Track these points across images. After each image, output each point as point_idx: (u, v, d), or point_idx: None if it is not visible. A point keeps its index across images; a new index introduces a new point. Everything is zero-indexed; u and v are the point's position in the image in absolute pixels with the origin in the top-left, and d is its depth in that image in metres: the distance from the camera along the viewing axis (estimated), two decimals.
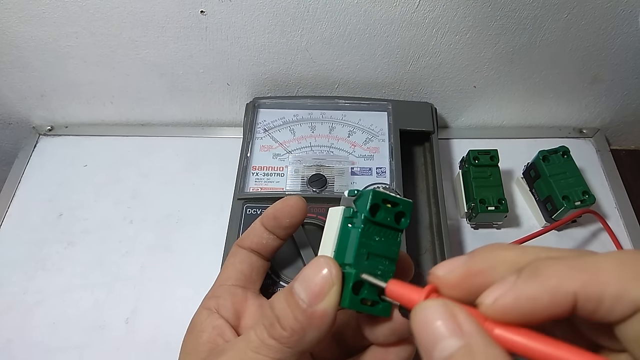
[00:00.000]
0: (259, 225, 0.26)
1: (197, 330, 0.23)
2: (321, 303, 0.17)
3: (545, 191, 0.41)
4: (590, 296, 0.13)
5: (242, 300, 0.25)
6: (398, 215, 0.20)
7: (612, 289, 0.13)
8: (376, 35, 0.41)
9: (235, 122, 0.51)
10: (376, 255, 0.19)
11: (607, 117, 0.51)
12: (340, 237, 0.19)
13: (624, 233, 0.43)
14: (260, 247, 0.26)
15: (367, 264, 0.19)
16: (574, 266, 0.14)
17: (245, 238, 0.27)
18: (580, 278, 0.13)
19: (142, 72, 0.46)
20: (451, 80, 0.46)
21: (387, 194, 0.19)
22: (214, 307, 0.24)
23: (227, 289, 0.25)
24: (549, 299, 0.14)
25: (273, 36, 0.41)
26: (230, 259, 0.27)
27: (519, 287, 0.14)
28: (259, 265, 0.27)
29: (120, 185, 0.46)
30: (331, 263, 0.18)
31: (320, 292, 0.18)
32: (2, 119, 0.52)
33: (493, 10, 0.39)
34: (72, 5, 0.39)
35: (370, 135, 0.42)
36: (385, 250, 0.19)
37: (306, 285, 0.18)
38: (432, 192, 0.41)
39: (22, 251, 0.42)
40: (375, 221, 0.19)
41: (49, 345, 0.37)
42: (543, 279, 0.14)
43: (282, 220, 0.26)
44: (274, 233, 0.26)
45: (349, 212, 0.20)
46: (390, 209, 0.19)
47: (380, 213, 0.19)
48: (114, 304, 0.39)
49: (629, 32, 0.41)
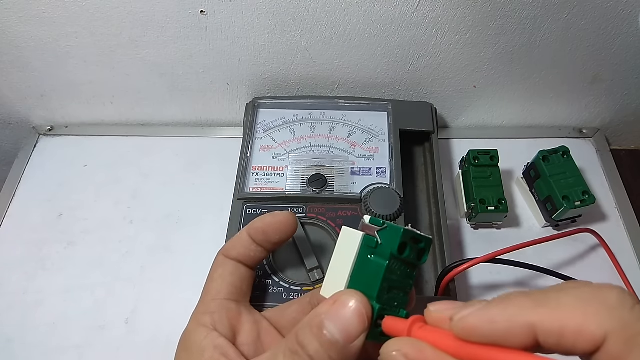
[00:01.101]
0: (245, 236, 0.26)
1: (196, 349, 0.23)
2: (357, 341, 0.18)
3: (545, 191, 0.41)
4: (550, 330, 0.14)
5: (237, 316, 0.24)
6: (420, 251, 0.20)
7: (571, 325, 0.13)
8: (376, 35, 0.41)
9: (235, 122, 0.51)
10: (394, 288, 0.19)
11: (607, 117, 0.51)
12: (358, 265, 0.19)
13: (624, 233, 0.43)
14: (247, 259, 0.26)
15: (387, 297, 0.19)
16: (536, 299, 0.15)
17: (230, 248, 0.26)
18: (540, 312, 0.14)
19: (142, 72, 0.46)
20: (451, 80, 0.46)
21: (415, 232, 0.19)
22: (210, 324, 0.23)
23: (221, 304, 0.24)
24: (505, 325, 0.14)
25: (273, 36, 0.41)
26: (217, 270, 0.26)
27: (484, 310, 0.15)
28: (248, 276, 0.26)
29: (120, 185, 0.46)
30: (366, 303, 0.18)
31: (356, 334, 0.18)
32: (2, 119, 0.52)
33: (493, 10, 0.39)
34: (72, 5, 0.39)
35: (370, 135, 0.42)
36: (403, 283, 0.20)
37: (342, 326, 0.18)
38: (432, 192, 0.41)
39: (22, 251, 0.42)
40: (402, 258, 0.19)
41: (49, 345, 0.37)
42: (504, 306, 0.15)
43: (271, 236, 0.26)
44: (261, 246, 0.26)
45: (371, 242, 0.19)
46: (414, 246, 0.20)
47: (407, 251, 0.19)
48: (114, 304, 0.39)
49: (629, 32, 0.41)
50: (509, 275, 0.40)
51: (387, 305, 0.19)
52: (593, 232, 0.40)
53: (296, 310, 0.26)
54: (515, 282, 0.40)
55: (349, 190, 0.38)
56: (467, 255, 0.41)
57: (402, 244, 0.19)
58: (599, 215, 0.44)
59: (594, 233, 0.40)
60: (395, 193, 0.37)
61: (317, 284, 0.33)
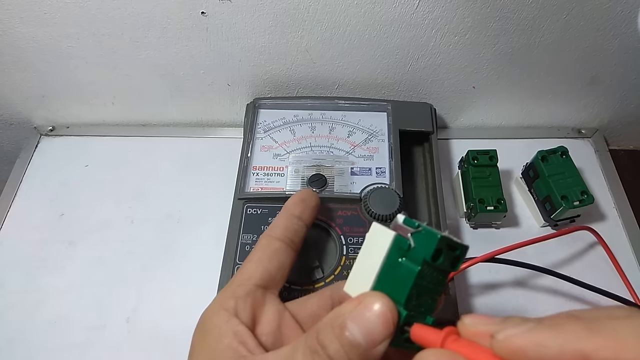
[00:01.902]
0: (285, 213, 0.27)
1: (216, 333, 0.22)
2: (380, 346, 0.17)
3: (544, 191, 0.41)
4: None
5: (261, 304, 0.24)
6: (455, 259, 0.19)
7: (626, 357, 0.13)
8: (376, 36, 0.41)
9: (235, 123, 0.51)
10: (423, 294, 0.19)
11: (605, 118, 0.51)
12: (386, 267, 0.19)
13: (623, 233, 0.44)
14: (293, 234, 0.26)
15: (415, 303, 0.18)
16: (591, 328, 0.14)
17: (275, 227, 0.26)
18: (595, 341, 0.13)
19: (143, 72, 0.46)
20: (450, 81, 0.46)
21: (451, 239, 0.18)
22: (232, 309, 0.23)
23: (248, 290, 0.24)
24: (557, 351, 0.14)
25: (273, 37, 0.42)
26: (257, 253, 0.25)
27: (532, 332, 0.14)
28: (286, 262, 0.26)
29: (121, 185, 0.47)
30: (392, 308, 0.18)
31: (380, 339, 0.17)
32: (4, 119, 0.52)
33: (492, 11, 0.39)
34: (74, 6, 0.39)
35: (369, 136, 0.42)
36: (432, 290, 0.19)
37: (365, 329, 0.17)
38: (432, 192, 0.42)
39: (23, 251, 0.42)
40: (434, 265, 0.18)
41: (50, 344, 0.38)
42: (558, 331, 0.14)
43: (309, 201, 0.27)
44: (301, 219, 0.27)
45: (404, 244, 0.19)
46: (449, 253, 0.19)
47: (441, 258, 0.18)
48: (115, 303, 0.39)
49: (628, 33, 0.41)
50: (508, 275, 0.41)
51: (414, 312, 0.18)
52: (591, 229, 0.40)
53: (316, 303, 0.25)
54: (515, 281, 0.40)
55: (349, 190, 0.38)
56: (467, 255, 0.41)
57: (437, 251, 0.18)
58: (598, 215, 0.45)
59: (592, 231, 0.40)
60: (395, 193, 0.37)
61: (317, 283, 0.33)
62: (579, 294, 0.39)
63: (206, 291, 0.34)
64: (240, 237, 0.36)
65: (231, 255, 0.35)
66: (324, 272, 0.34)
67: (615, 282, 0.39)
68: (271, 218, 0.36)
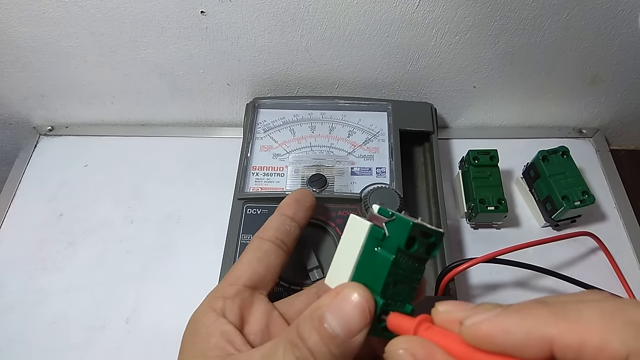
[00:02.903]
0: (278, 214, 0.27)
1: (204, 333, 0.22)
2: (358, 336, 0.18)
3: (545, 191, 0.41)
4: (569, 345, 0.13)
5: (249, 304, 0.24)
6: (429, 246, 0.19)
7: (593, 340, 0.13)
8: (376, 35, 0.41)
9: (235, 122, 0.51)
10: (401, 282, 0.19)
11: (606, 117, 0.51)
12: (364, 257, 0.19)
13: (624, 233, 0.43)
14: (284, 235, 0.26)
15: (392, 292, 0.18)
16: (556, 311, 0.14)
17: (267, 228, 0.26)
18: (559, 325, 0.13)
19: (142, 72, 0.46)
20: (451, 81, 0.46)
21: (424, 226, 0.18)
22: (220, 309, 0.23)
23: (236, 290, 0.24)
24: (522, 337, 0.14)
25: (273, 36, 0.42)
26: (247, 254, 0.25)
27: (499, 318, 0.14)
28: (276, 264, 0.26)
29: (120, 185, 0.46)
30: (369, 298, 0.18)
31: (357, 329, 0.17)
32: (3, 119, 0.52)
33: (493, 10, 0.39)
34: (73, 5, 0.39)
35: (370, 135, 0.42)
36: (410, 278, 0.19)
37: (342, 320, 0.18)
38: (432, 192, 0.41)
39: (22, 251, 0.42)
40: (408, 252, 0.18)
41: (49, 345, 0.37)
42: (522, 316, 0.14)
43: (303, 201, 0.27)
44: (294, 220, 0.27)
45: (379, 233, 0.19)
46: (423, 240, 0.19)
47: (415, 245, 0.18)
48: (115, 303, 0.39)
49: (629, 33, 0.41)
50: (508, 275, 0.40)
51: (391, 300, 0.18)
52: (593, 235, 0.40)
53: (303, 301, 0.26)
54: (515, 281, 0.40)
55: (349, 190, 0.38)
56: (467, 255, 0.41)
57: (410, 238, 0.18)
58: (599, 215, 0.44)
59: (594, 237, 0.40)
60: (395, 193, 0.37)
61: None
62: None
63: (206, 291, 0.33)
64: (240, 237, 0.36)
65: (231, 255, 0.35)
66: (324, 272, 0.34)
67: (615, 282, 0.39)
68: None
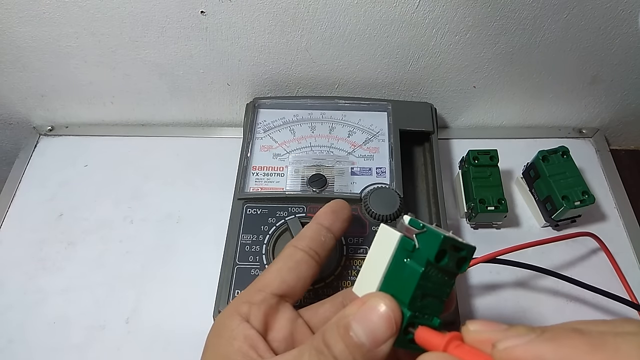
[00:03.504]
0: (314, 224, 0.26)
1: (228, 336, 0.22)
2: (383, 346, 0.17)
3: (545, 191, 0.41)
4: None
5: (274, 311, 0.24)
6: (460, 260, 0.19)
7: None
8: (376, 35, 0.41)
9: (235, 122, 0.51)
10: (429, 295, 0.19)
11: (606, 117, 0.51)
12: (392, 267, 0.19)
13: (624, 233, 0.43)
14: (319, 245, 0.26)
15: (420, 304, 0.18)
16: (592, 343, 0.14)
17: (302, 237, 0.26)
18: (596, 357, 0.13)
19: (142, 72, 0.46)
20: (451, 81, 0.46)
21: (456, 240, 0.18)
22: (244, 314, 0.23)
23: (264, 297, 0.24)
24: None
25: (273, 36, 0.42)
26: (279, 262, 0.25)
27: (533, 345, 0.14)
28: (307, 275, 0.25)
29: (120, 185, 0.46)
30: (395, 309, 0.18)
31: (383, 339, 0.17)
32: (3, 119, 0.52)
33: (493, 10, 0.39)
34: (73, 5, 0.39)
35: (370, 135, 0.42)
36: (439, 291, 0.19)
37: (369, 330, 0.18)
38: (432, 192, 0.41)
39: (22, 251, 0.42)
40: (438, 266, 0.18)
41: (49, 345, 0.37)
42: (559, 345, 0.14)
43: (341, 213, 0.27)
44: (330, 230, 0.26)
45: (409, 245, 0.19)
46: (453, 254, 0.19)
47: (445, 259, 0.18)
48: (115, 303, 0.39)
49: (629, 32, 0.41)
50: (508, 275, 0.40)
51: (419, 313, 0.18)
52: (594, 236, 0.40)
53: (329, 309, 0.26)
54: (515, 281, 0.40)
55: (349, 190, 0.38)
56: None
57: (440, 252, 0.18)
58: (599, 215, 0.44)
59: (595, 237, 0.40)
60: (395, 193, 0.37)
61: (317, 283, 0.33)
62: (579, 294, 0.39)
63: (205, 291, 0.34)
64: (240, 237, 0.35)
65: (231, 255, 0.35)
66: (324, 272, 0.34)
67: (616, 282, 0.39)
68: (271, 218, 0.36)
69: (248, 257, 0.35)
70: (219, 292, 0.33)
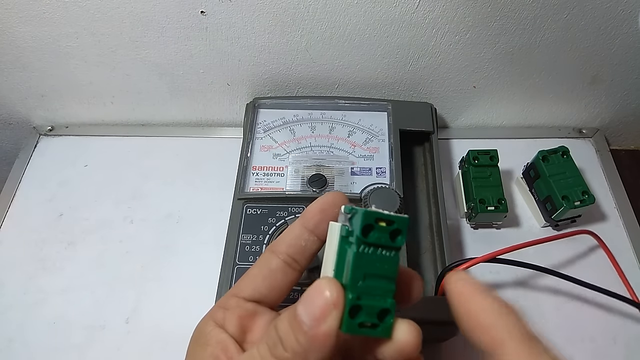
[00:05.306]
0: (297, 225, 0.24)
1: (202, 342, 0.23)
2: (322, 325, 0.17)
3: (545, 191, 0.41)
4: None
5: (251, 315, 0.24)
6: (394, 233, 0.19)
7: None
8: (376, 35, 0.41)
9: (235, 122, 0.51)
10: (374, 275, 0.19)
11: (606, 117, 0.51)
12: (339, 256, 0.19)
13: (624, 233, 0.43)
14: (298, 251, 0.24)
15: (363, 285, 0.18)
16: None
17: (280, 242, 0.24)
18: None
19: (142, 72, 0.46)
20: (451, 81, 0.46)
21: (380, 213, 0.18)
22: (219, 320, 0.23)
23: (238, 302, 0.24)
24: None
25: (273, 36, 0.42)
26: (255, 269, 0.24)
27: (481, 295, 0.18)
28: (282, 283, 0.24)
29: (120, 185, 0.46)
30: (332, 285, 0.18)
31: (320, 316, 0.18)
32: (3, 119, 0.52)
33: (493, 10, 0.39)
34: (73, 5, 0.39)
35: (370, 136, 0.42)
36: (384, 270, 0.19)
37: (308, 308, 0.18)
38: (432, 192, 0.41)
39: (22, 251, 0.42)
40: (369, 242, 0.18)
41: (49, 344, 0.37)
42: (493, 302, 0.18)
43: (330, 211, 0.23)
44: (315, 233, 0.24)
45: (345, 230, 0.19)
46: (384, 228, 0.19)
47: (374, 233, 0.18)
48: (115, 303, 0.39)
49: (629, 32, 0.41)
50: (508, 275, 0.40)
51: (365, 295, 0.18)
52: (593, 234, 0.40)
53: None
54: (515, 281, 0.40)
55: (349, 190, 0.38)
56: (467, 255, 0.41)
57: (366, 226, 0.18)
58: (599, 215, 0.44)
59: (594, 235, 0.40)
60: (395, 193, 0.37)
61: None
62: (580, 293, 0.39)
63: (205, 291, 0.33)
64: (240, 237, 0.35)
65: (231, 255, 0.35)
66: None
67: (616, 281, 0.39)
68: (271, 218, 0.36)
69: (248, 257, 0.35)
70: (219, 292, 0.33)
